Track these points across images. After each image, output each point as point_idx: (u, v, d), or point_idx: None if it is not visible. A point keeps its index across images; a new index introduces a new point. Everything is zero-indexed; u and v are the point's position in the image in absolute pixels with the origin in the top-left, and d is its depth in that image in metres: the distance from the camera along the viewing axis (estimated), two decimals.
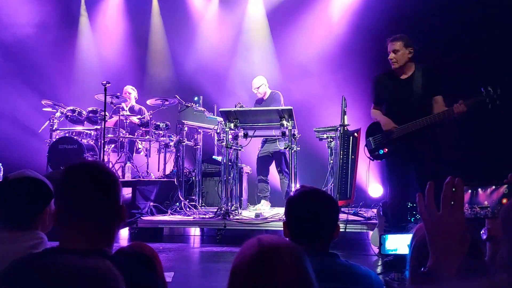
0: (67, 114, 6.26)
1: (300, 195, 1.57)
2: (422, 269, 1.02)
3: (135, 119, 6.47)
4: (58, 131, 6.32)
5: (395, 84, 3.95)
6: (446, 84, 4.01)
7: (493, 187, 1.13)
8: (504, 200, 1.10)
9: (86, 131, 6.32)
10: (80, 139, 6.05)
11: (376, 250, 4.06)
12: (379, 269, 3.64)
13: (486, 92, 3.52)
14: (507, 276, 0.89)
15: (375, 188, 6.50)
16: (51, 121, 6.31)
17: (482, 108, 3.57)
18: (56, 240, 1.22)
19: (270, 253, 0.84)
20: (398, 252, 3.76)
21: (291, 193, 1.62)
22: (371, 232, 4.34)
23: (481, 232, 1.41)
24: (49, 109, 6.36)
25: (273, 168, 6.10)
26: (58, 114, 6.31)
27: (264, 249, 0.85)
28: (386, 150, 3.97)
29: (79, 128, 6.39)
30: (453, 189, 1.00)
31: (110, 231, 1.27)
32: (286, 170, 5.80)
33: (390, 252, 3.80)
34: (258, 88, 5.98)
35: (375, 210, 4.81)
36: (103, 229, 1.25)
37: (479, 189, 1.15)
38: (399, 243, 3.82)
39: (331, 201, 1.59)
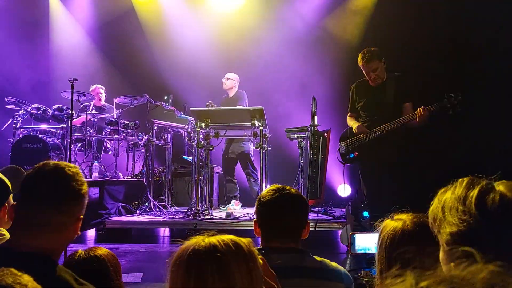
0: (32, 111, 6.04)
1: (270, 193, 1.58)
2: None
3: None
4: (22, 129, 6.09)
5: (368, 90, 4.17)
6: (417, 93, 4.21)
7: None
8: None
9: (52, 130, 6.12)
10: (45, 137, 5.86)
11: (345, 248, 4.13)
12: (348, 267, 3.70)
13: (448, 98, 3.74)
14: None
15: (344, 188, 6.61)
16: (15, 119, 6.08)
17: (444, 113, 3.79)
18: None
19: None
20: (371, 251, 3.82)
21: (262, 192, 1.62)
22: (340, 231, 4.41)
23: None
24: (13, 107, 6.13)
25: (240, 168, 6.10)
26: (22, 111, 6.08)
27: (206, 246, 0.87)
28: (357, 153, 4.20)
29: (44, 126, 6.17)
30: None
31: (63, 241, 1.30)
32: (253, 170, 5.85)
33: (362, 252, 3.87)
34: (227, 80, 6.07)
35: (344, 209, 4.89)
36: (56, 238, 1.26)
37: None
38: (370, 242, 3.88)
39: (301, 199, 1.61)
